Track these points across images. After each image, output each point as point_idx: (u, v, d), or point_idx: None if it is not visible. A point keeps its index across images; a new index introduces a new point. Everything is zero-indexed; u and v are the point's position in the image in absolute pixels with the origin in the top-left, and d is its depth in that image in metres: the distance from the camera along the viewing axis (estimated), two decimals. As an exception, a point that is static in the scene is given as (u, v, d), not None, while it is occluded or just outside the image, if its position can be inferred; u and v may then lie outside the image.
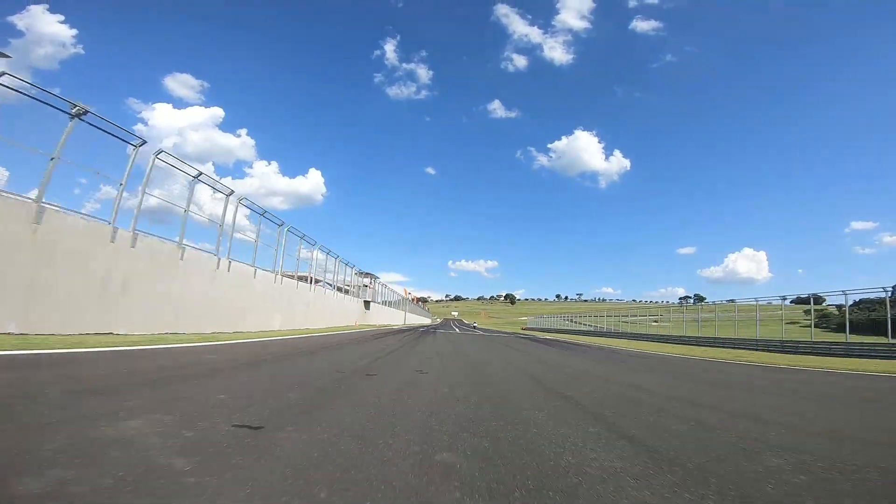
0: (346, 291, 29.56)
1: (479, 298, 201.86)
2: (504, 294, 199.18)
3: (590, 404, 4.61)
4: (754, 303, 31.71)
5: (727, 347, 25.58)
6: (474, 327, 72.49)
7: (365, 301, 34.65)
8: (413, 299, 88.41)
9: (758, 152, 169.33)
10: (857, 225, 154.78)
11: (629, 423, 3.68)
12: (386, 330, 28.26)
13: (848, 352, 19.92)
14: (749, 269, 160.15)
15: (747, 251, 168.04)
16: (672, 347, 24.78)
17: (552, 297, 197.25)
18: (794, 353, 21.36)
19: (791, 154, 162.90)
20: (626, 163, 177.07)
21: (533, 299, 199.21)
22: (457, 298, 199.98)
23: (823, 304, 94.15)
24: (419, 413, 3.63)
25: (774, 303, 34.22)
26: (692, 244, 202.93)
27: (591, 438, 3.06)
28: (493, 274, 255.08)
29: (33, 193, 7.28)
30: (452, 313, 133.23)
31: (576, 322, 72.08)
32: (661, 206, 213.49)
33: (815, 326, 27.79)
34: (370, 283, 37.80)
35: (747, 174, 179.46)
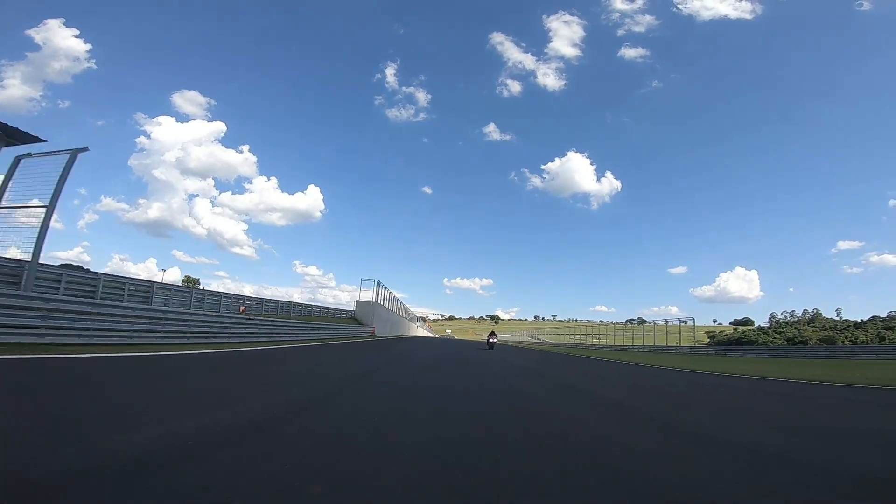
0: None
1: (469, 318, 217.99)
2: (490, 315, 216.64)
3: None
4: (692, 324, 43.78)
5: (631, 352, 37.73)
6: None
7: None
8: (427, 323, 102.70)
9: (746, 173, 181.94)
10: (844, 244, 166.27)
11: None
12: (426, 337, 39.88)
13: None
14: (741, 288, 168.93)
15: (739, 270, 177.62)
16: (577, 350, 36.68)
17: (531, 318, 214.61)
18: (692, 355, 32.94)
19: (779, 174, 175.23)
20: (618, 184, 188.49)
21: (515, 319, 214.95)
22: (451, 318, 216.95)
23: (753, 326, 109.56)
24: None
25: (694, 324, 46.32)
26: (684, 264, 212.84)
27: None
28: (489, 292, 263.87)
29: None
30: (447, 331, 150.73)
31: (535, 338, 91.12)
32: (652, 226, 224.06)
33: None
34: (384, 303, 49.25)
35: (736, 195, 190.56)
